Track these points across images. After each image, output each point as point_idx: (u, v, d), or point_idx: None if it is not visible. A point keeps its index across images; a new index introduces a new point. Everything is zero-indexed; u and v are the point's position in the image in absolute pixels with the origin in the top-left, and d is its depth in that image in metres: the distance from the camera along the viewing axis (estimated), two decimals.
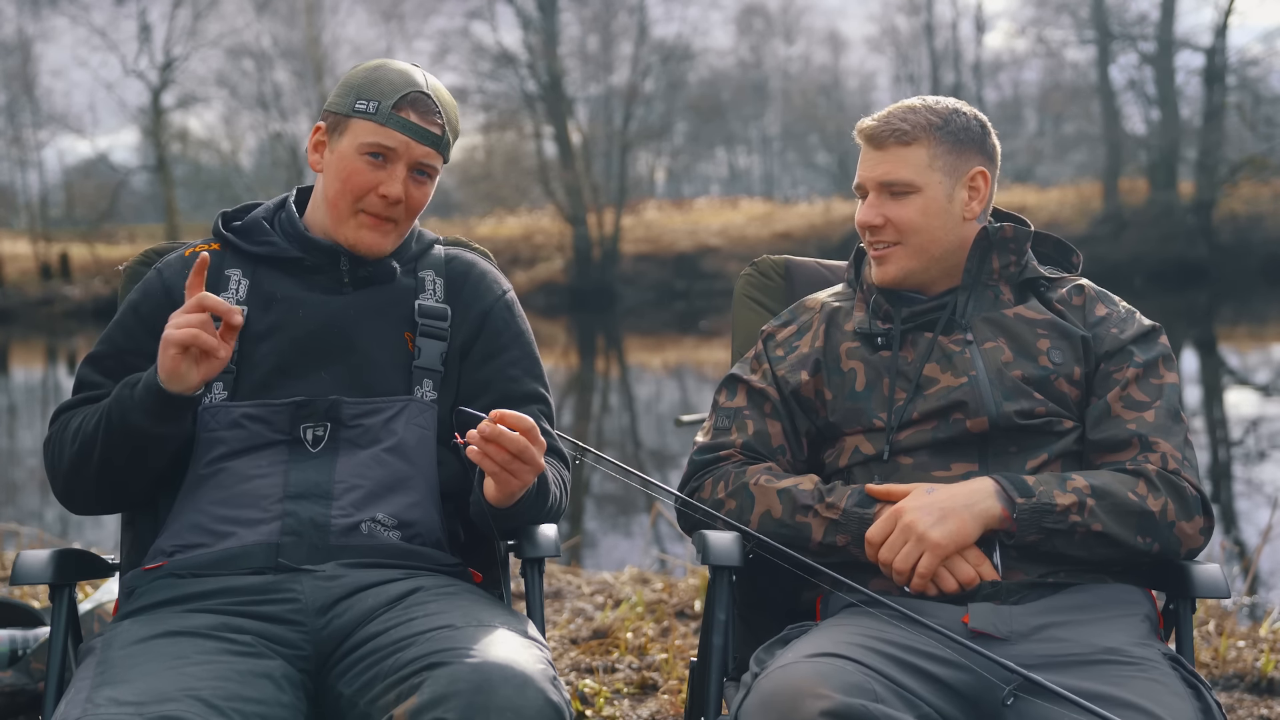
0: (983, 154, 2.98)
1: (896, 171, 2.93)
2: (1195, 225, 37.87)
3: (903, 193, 2.93)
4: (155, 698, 2.26)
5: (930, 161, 2.92)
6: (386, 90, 2.88)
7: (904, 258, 2.96)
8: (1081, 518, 2.68)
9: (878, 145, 2.96)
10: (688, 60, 46.25)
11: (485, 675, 2.26)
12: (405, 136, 2.87)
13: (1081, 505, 2.68)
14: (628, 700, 4.76)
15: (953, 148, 2.93)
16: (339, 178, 2.90)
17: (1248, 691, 4.90)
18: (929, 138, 2.92)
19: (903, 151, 2.93)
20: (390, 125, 2.86)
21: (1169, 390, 2.88)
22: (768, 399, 3.01)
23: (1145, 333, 2.94)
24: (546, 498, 2.79)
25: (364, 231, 2.92)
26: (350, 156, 2.88)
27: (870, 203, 2.98)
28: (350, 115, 2.89)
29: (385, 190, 2.88)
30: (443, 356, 2.95)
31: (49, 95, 48.16)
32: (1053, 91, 47.54)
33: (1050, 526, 2.68)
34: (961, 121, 2.96)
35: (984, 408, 2.82)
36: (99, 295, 36.16)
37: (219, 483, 2.79)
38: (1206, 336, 25.66)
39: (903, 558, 2.69)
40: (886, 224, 2.95)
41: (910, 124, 2.93)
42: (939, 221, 2.93)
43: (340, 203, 2.90)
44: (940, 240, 2.94)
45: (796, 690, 2.34)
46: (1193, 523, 2.76)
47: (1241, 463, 13.24)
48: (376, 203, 2.89)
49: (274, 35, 44.27)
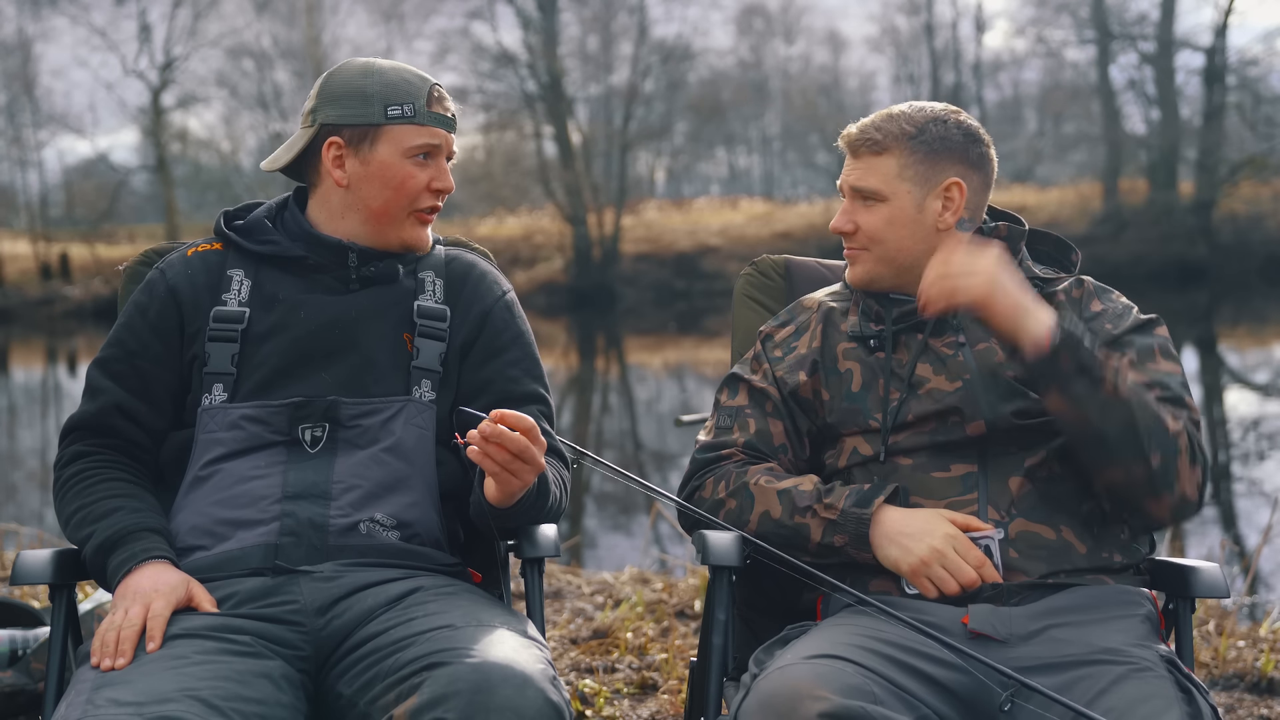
0: (963, 163, 2.95)
1: (865, 179, 2.95)
2: (1195, 225, 37.87)
3: (872, 200, 2.95)
4: (155, 698, 2.27)
5: (900, 171, 2.92)
6: (413, 91, 2.92)
7: (870, 262, 2.98)
8: (1112, 375, 2.68)
9: (854, 153, 2.99)
10: (688, 60, 46.27)
11: (485, 675, 2.26)
12: (443, 130, 2.95)
13: (1118, 370, 2.70)
14: (628, 700, 4.77)
15: (925, 158, 2.92)
16: (390, 185, 2.92)
17: (1248, 691, 4.90)
18: (900, 147, 2.93)
19: (874, 160, 2.95)
20: (431, 123, 2.93)
21: (1169, 378, 2.85)
22: (769, 398, 3.01)
23: (1141, 325, 2.94)
24: (547, 498, 2.79)
25: (419, 230, 2.99)
26: (398, 163, 2.91)
27: (844, 208, 3.01)
28: (383, 124, 2.90)
29: (439, 184, 2.96)
30: (441, 357, 2.95)
31: (49, 95, 48.29)
32: (1053, 91, 47.56)
33: (1084, 361, 2.67)
34: (938, 131, 2.94)
35: (980, 412, 2.82)
36: (99, 295, 36.16)
37: (217, 484, 2.79)
38: (1206, 336, 25.67)
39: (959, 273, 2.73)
40: (857, 230, 2.98)
41: (883, 133, 2.94)
42: (906, 231, 2.93)
43: (393, 209, 2.94)
44: (908, 249, 2.94)
45: (795, 691, 2.34)
46: (1193, 471, 2.75)
47: (1241, 463, 13.25)
48: (430, 198, 2.96)
49: (274, 35, 44.36)
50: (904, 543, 2.72)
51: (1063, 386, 2.69)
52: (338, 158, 2.94)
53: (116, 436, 2.87)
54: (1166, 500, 2.74)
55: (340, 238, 2.95)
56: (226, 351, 2.86)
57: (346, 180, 2.93)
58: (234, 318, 2.88)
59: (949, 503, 2.79)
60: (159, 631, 2.47)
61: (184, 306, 2.91)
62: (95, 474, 2.82)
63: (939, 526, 2.72)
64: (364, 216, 2.94)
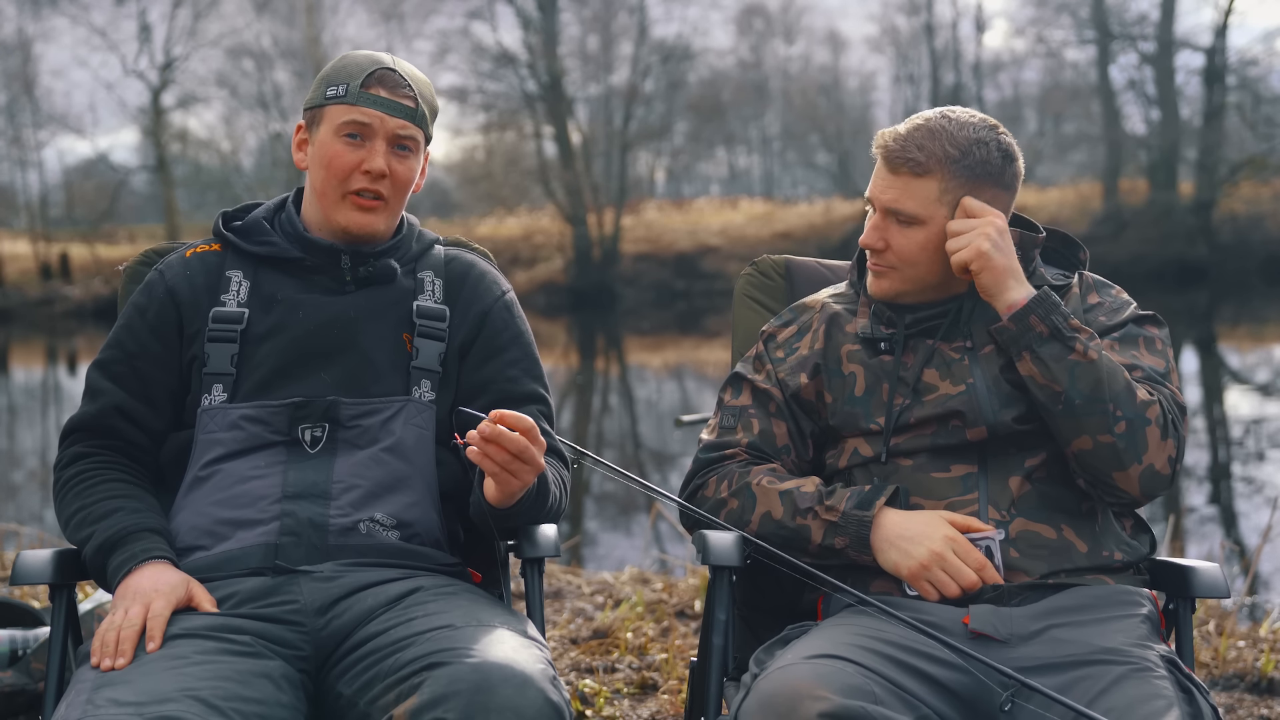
0: (998, 186, 2.89)
1: (903, 202, 2.86)
2: (1195, 225, 37.89)
3: (907, 223, 2.88)
4: (155, 698, 2.27)
5: (940, 196, 2.85)
6: (354, 71, 2.92)
7: (899, 281, 2.94)
8: (1084, 341, 2.73)
9: (892, 169, 2.88)
10: (688, 60, 46.28)
11: (485, 675, 2.26)
12: (378, 112, 2.89)
13: (1092, 338, 2.75)
14: (628, 700, 4.77)
15: (966, 182, 2.85)
16: (322, 165, 2.91)
17: (1248, 691, 4.90)
18: (943, 171, 2.84)
19: (914, 183, 2.85)
20: (361, 103, 2.89)
21: (1151, 370, 2.86)
22: (772, 399, 3.01)
23: (1137, 318, 2.94)
24: (546, 498, 2.79)
25: (354, 214, 2.93)
26: (329, 141, 2.90)
27: (875, 224, 2.92)
28: (324, 104, 2.92)
29: (368, 165, 2.89)
30: (441, 357, 2.95)
31: (49, 95, 48.05)
32: (1053, 91, 47.50)
33: (1055, 325, 2.73)
34: (982, 154, 2.85)
35: (982, 417, 2.81)
36: (99, 295, 36.16)
37: (217, 484, 2.79)
38: (1206, 336, 25.68)
39: (962, 237, 2.82)
40: (888, 249, 2.91)
41: (926, 154, 2.83)
42: (939, 255, 2.88)
43: (328, 189, 2.92)
44: (936, 270, 2.90)
45: (795, 692, 2.33)
46: (1164, 443, 2.74)
47: (1241, 463, 13.24)
48: (361, 179, 2.90)
49: (274, 35, 44.26)
50: (904, 546, 2.72)
51: (1033, 349, 2.73)
52: (301, 141, 2.98)
53: (116, 438, 2.87)
54: (1134, 471, 2.74)
55: (322, 234, 2.97)
56: (226, 352, 2.86)
57: (305, 164, 2.97)
58: (233, 318, 2.88)
59: (949, 503, 2.79)
60: (159, 631, 2.47)
61: (183, 308, 2.91)
62: (95, 475, 2.82)
63: (938, 529, 2.71)
64: (315, 200, 2.96)
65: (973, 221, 2.81)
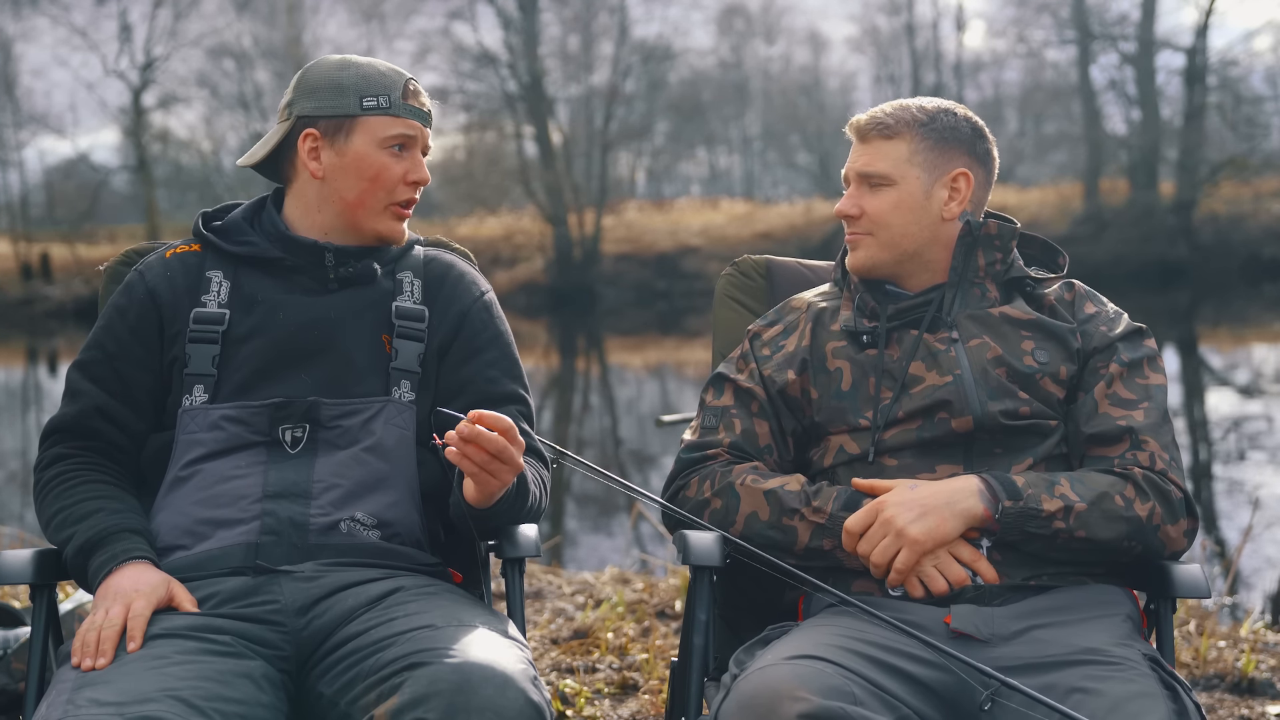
0: (970, 155, 2.98)
1: (874, 163, 2.96)
2: (1176, 225, 37.92)
3: (879, 184, 2.95)
4: (136, 698, 2.27)
5: (910, 156, 2.94)
6: (389, 84, 2.93)
7: (874, 247, 2.98)
8: (1066, 524, 2.68)
9: (862, 138, 3.00)
10: (668, 60, 46.35)
11: (466, 675, 2.26)
12: (418, 122, 2.95)
13: (1068, 511, 2.69)
14: (608, 700, 4.77)
15: (935, 145, 2.95)
16: (365, 177, 2.92)
17: (1228, 692, 4.91)
18: (911, 133, 2.94)
19: (884, 145, 2.96)
20: (406, 115, 2.93)
21: (1156, 391, 2.89)
22: (755, 398, 3.01)
23: (1131, 332, 2.95)
24: (526, 498, 2.79)
25: (394, 223, 2.98)
26: (372, 153, 2.91)
27: (850, 193, 3.01)
28: (358, 115, 2.91)
29: (415, 176, 2.96)
30: (420, 358, 2.94)
31: (29, 95, 47.89)
32: (1033, 91, 47.63)
33: (1033, 531, 2.69)
34: (948, 121, 2.97)
35: (969, 407, 2.82)
36: (80, 295, 36.05)
37: (198, 484, 2.79)
38: (1187, 336, 25.71)
39: (880, 551, 2.70)
40: (862, 215, 2.97)
41: (895, 119, 2.96)
42: (912, 217, 2.94)
43: (370, 200, 2.94)
44: (912, 235, 2.95)
45: (775, 692, 2.34)
46: (1177, 526, 2.77)
47: (1222, 462, 13.26)
48: (406, 191, 2.96)
49: (255, 35, 44.24)
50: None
51: (1021, 546, 2.74)
52: (314, 149, 2.94)
53: (97, 439, 2.87)
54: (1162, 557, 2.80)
55: (316, 236, 2.96)
56: (207, 353, 2.86)
57: (323, 172, 2.93)
58: (214, 319, 2.87)
59: None
60: (139, 631, 2.47)
61: (163, 308, 2.90)
62: (76, 476, 2.81)
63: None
64: (340, 209, 2.94)
65: (865, 517, 2.74)
